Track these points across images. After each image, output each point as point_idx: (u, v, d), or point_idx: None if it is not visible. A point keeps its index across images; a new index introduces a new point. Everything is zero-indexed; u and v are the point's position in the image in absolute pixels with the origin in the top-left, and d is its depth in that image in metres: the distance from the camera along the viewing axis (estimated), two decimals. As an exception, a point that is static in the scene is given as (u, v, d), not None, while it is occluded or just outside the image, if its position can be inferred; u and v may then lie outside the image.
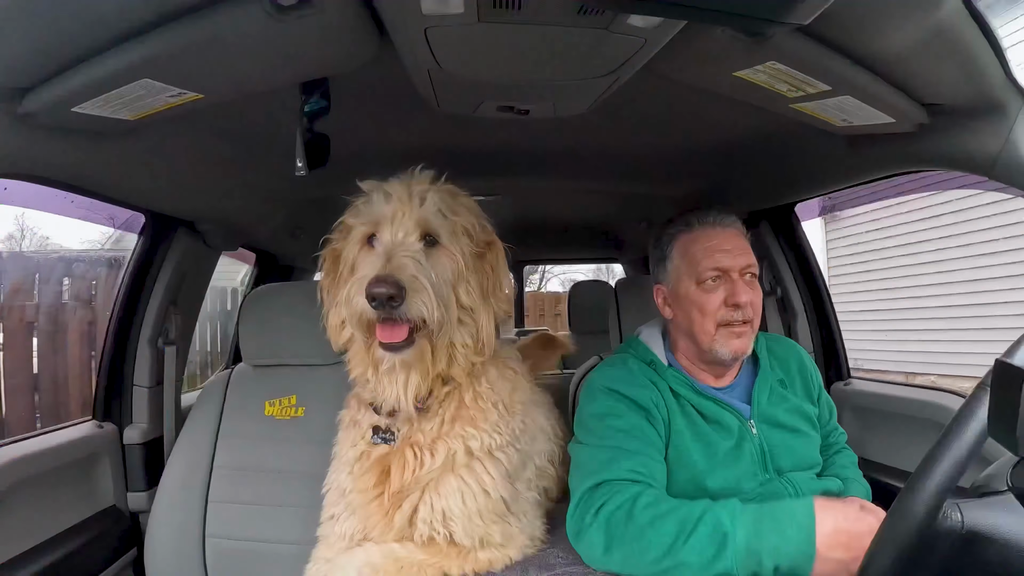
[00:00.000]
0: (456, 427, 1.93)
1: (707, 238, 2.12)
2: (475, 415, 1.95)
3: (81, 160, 1.92)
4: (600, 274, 15.36)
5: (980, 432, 1.06)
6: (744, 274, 2.07)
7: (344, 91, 1.93)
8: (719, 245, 2.09)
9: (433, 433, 1.92)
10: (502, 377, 2.07)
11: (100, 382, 2.92)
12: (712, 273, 2.08)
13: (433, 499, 1.88)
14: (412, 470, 1.89)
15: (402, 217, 1.82)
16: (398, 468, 1.91)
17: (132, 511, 2.88)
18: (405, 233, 1.80)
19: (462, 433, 1.92)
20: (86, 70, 1.46)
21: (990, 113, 1.66)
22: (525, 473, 2.09)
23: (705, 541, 1.58)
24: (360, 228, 1.90)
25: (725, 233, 2.11)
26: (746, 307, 2.04)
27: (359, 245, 1.90)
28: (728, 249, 2.08)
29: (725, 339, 2.06)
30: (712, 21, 1.35)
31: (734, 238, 2.11)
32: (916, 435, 2.70)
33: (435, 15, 1.34)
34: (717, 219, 2.14)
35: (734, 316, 2.05)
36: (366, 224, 1.88)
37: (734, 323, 2.05)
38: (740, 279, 2.06)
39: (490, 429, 1.94)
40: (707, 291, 2.08)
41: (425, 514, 1.87)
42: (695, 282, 2.10)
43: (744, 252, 2.08)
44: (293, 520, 2.59)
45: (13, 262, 7.45)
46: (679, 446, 1.98)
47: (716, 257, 2.08)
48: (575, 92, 1.87)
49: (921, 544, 1.09)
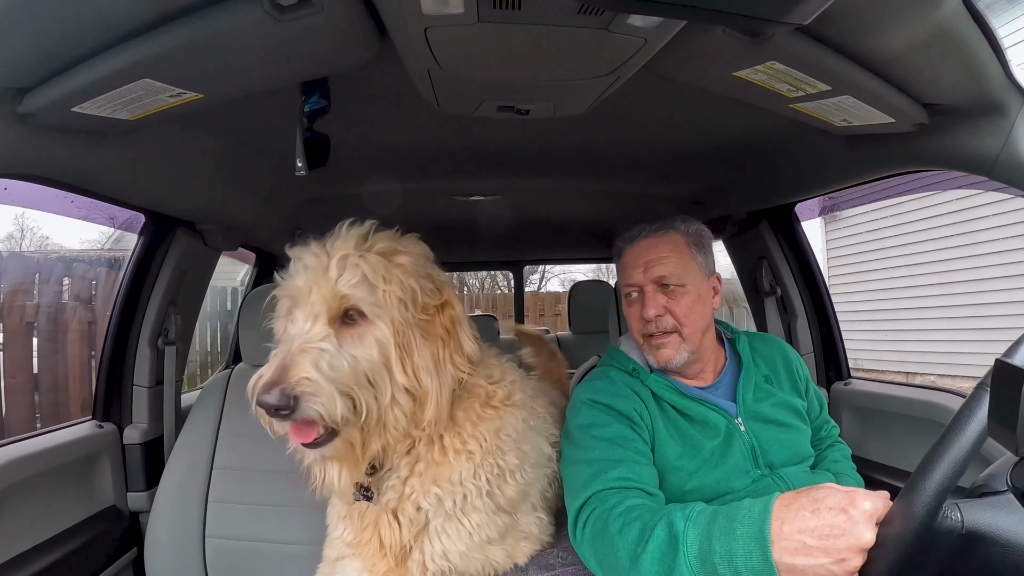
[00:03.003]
0: (417, 485, 1.83)
1: (628, 253, 2.18)
2: (436, 471, 1.84)
3: (81, 160, 1.92)
4: (600, 274, 15.35)
5: (980, 432, 1.06)
6: (661, 284, 2.09)
7: (344, 91, 1.92)
8: (634, 260, 2.14)
9: (396, 492, 1.85)
10: (477, 419, 1.92)
11: (100, 382, 2.92)
12: (628, 288, 2.16)
13: (432, 542, 1.84)
14: (395, 530, 1.85)
15: (315, 294, 1.68)
16: (384, 527, 1.87)
17: (132, 511, 2.89)
18: (315, 316, 1.67)
19: (429, 491, 1.82)
20: (86, 70, 1.46)
21: (990, 113, 1.66)
22: (525, 503, 2.03)
23: (662, 546, 1.49)
24: (284, 301, 1.80)
25: (648, 245, 2.14)
26: (659, 320, 2.07)
27: (284, 320, 1.79)
28: (641, 263, 2.12)
29: (649, 350, 2.12)
30: (712, 21, 1.36)
31: (656, 248, 2.12)
32: (916, 435, 2.71)
33: (435, 15, 1.34)
34: (649, 230, 2.17)
35: (650, 328, 2.09)
36: (286, 297, 1.77)
37: (653, 335, 2.10)
38: (654, 291, 2.09)
39: (462, 482, 1.83)
40: (629, 305, 2.18)
41: (428, 557, 1.84)
42: (624, 296, 2.20)
43: (662, 262, 2.09)
44: (293, 520, 2.59)
45: (13, 262, 7.46)
46: (663, 451, 1.98)
47: (627, 273, 2.16)
48: (575, 92, 1.86)
49: (921, 544, 1.08)
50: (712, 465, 1.96)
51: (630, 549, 1.55)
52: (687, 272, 2.09)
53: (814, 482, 1.59)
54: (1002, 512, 1.07)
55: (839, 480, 2.06)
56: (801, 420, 2.15)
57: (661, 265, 2.08)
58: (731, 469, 1.96)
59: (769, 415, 2.08)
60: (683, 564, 1.44)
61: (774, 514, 1.36)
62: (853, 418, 3.09)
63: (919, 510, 1.08)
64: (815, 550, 1.27)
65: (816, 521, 1.29)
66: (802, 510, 1.33)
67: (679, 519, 1.52)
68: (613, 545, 1.60)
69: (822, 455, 2.22)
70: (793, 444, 2.08)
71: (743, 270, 3.68)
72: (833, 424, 2.32)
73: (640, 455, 1.91)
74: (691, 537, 1.46)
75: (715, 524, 1.45)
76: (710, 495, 1.90)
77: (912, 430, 2.74)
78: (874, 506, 1.25)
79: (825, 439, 2.27)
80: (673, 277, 2.07)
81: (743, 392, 2.11)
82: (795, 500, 1.37)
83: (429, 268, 1.87)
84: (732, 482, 1.95)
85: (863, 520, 1.24)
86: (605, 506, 1.72)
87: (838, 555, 1.24)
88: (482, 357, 1.97)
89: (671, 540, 1.49)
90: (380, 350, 1.70)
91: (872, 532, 1.22)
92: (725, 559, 1.38)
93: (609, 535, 1.63)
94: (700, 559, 1.42)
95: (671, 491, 1.92)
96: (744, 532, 1.38)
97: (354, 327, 1.70)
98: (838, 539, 1.24)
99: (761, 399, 2.11)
